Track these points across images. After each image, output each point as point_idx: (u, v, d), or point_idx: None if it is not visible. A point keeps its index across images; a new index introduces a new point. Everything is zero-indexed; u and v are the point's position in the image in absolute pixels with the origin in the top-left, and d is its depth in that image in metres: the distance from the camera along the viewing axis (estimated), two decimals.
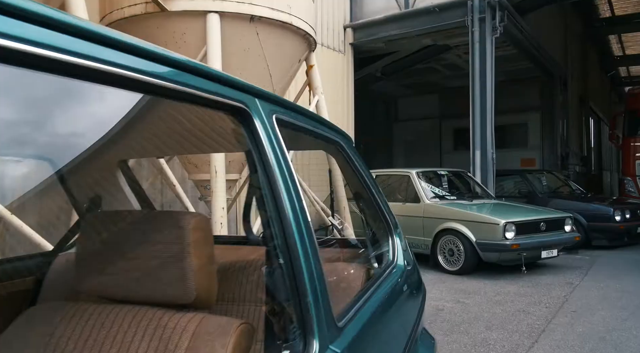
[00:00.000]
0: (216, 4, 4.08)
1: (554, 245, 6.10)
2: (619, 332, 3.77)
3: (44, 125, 1.57)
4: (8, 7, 0.56)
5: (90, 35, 0.69)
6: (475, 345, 3.57)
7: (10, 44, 0.55)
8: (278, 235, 0.91)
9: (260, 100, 0.98)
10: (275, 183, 0.92)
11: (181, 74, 0.80)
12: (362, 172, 1.63)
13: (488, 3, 8.45)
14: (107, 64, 0.69)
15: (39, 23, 0.60)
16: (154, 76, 0.74)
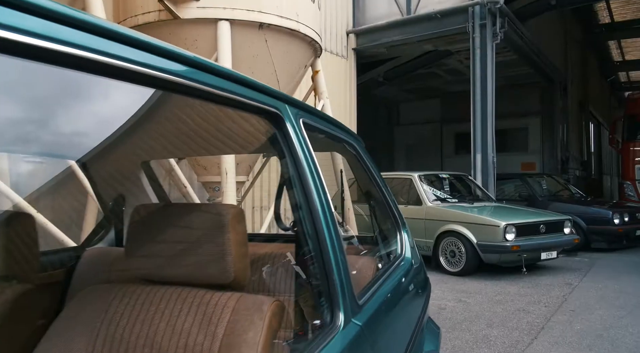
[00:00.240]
0: (227, 12, 4.23)
1: (554, 247, 6.23)
2: (616, 330, 3.90)
3: (77, 127, 1.71)
4: (61, 16, 0.65)
5: (153, 48, 0.82)
6: (476, 342, 3.70)
7: (66, 49, 0.64)
8: (308, 223, 1.04)
9: (290, 105, 1.12)
10: (305, 179, 1.05)
11: (227, 83, 0.93)
12: (373, 171, 1.77)
13: (489, 10, 8.59)
14: (169, 73, 0.83)
15: (98, 33, 0.71)
16: (207, 85, 0.88)
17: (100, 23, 0.71)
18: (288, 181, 1.08)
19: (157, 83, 0.85)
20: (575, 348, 3.50)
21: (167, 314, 1.08)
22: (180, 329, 1.05)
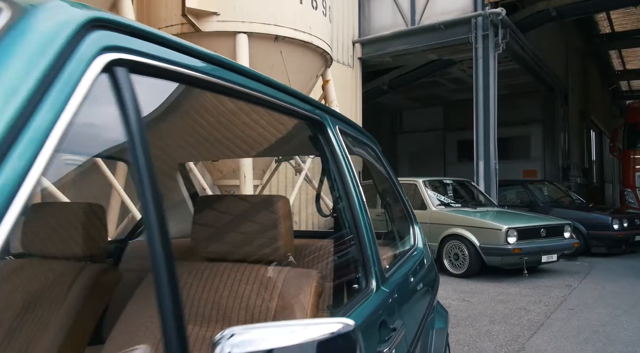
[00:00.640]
0: (245, 25, 4.51)
1: (554, 250, 6.46)
2: (612, 326, 4.13)
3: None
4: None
5: (231, 67, 1.07)
6: (479, 336, 3.93)
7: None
8: (346, 209, 1.29)
9: (329, 115, 1.37)
10: (343, 174, 1.30)
11: (287, 97, 1.19)
12: (390, 172, 2.02)
13: (491, 21, 8.87)
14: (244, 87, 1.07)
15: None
16: (272, 97, 1.13)
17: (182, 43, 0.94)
18: (329, 176, 1.33)
19: (234, 94, 1.09)
20: (573, 342, 3.72)
21: (229, 284, 1.32)
22: (241, 295, 1.30)
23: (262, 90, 1.10)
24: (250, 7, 4.51)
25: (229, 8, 4.47)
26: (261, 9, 4.55)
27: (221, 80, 0.99)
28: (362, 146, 1.72)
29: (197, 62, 0.88)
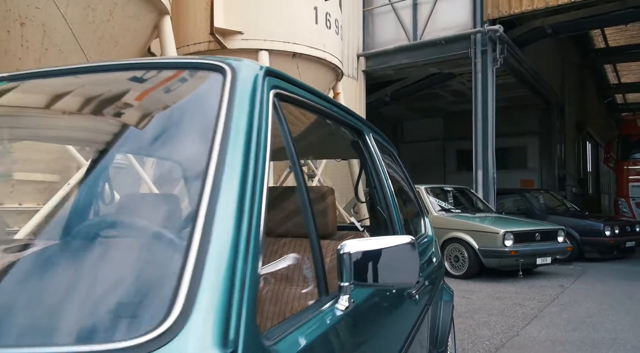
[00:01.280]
0: (266, 43, 4.97)
1: (548, 253, 6.87)
2: (598, 318, 4.54)
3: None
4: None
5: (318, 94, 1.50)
6: (478, 326, 4.34)
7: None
8: (381, 196, 1.72)
9: (364, 125, 1.81)
10: (378, 171, 1.73)
11: (342, 112, 1.62)
12: (404, 171, 2.46)
13: (489, 37, 9.36)
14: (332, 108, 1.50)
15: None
16: (337, 113, 1.56)
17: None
18: (367, 171, 1.75)
19: (323, 112, 1.50)
20: (562, 330, 4.14)
21: (289, 252, 1.75)
22: (300, 260, 1.72)
23: (336, 109, 1.53)
24: (271, 26, 4.97)
25: (252, 28, 4.93)
26: (281, 28, 5.01)
27: (319, 104, 1.39)
28: (385, 149, 2.14)
29: (309, 95, 1.29)
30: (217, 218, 0.66)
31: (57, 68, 1.05)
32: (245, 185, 0.74)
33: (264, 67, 0.99)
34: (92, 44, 3.40)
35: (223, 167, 0.73)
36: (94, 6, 3.29)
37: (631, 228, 9.09)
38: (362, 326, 1.13)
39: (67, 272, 0.78)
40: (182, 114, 0.91)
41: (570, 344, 3.74)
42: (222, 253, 0.63)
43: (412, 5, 10.75)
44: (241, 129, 0.81)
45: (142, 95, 1.00)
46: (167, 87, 0.97)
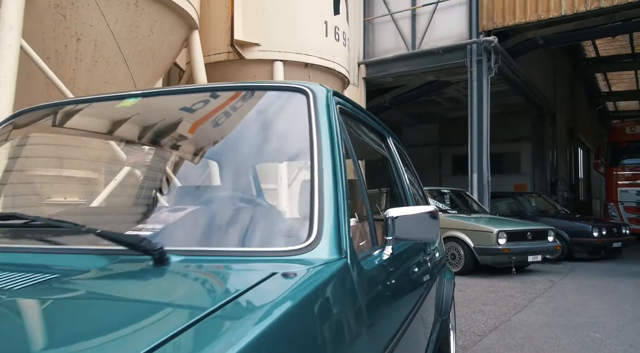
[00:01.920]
0: (281, 54, 5.42)
1: (538, 251, 7.33)
2: (582, 307, 4.99)
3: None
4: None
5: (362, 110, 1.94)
6: (474, 313, 4.77)
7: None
8: (399, 184, 2.16)
9: (386, 130, 2.25)
10: (399, 169, 2.17)
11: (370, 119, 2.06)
12: (411, 166, 2.91)
13: (484, 48, 9.85)
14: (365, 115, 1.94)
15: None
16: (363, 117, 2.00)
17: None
18: (389, 167, 2.19)
19: (359, 120, 1.94)
20: (549, 316, 4.58)
21: None
22: None
23: (369, 118, 1.97)
24: (286, 39, 5.42)
25: (268, 40, 5.38)
26: (294, 40, 5.47)
27: (359, 115, 1.82)
28: (400, 148, 2.58)
29: (355, 109, 1.71)
30: (325, 186, 1.08)
31: (179, 87, 1.48)
32: (335, 163, 1.16)
33: (331, 90, 1.42)
34: (134, 56, 3.83)
35: (321, 152, 1.15)
36: (138, 23, 3.72)
37: (617, 230, 9.58)
38: (396, 271, 1.55)
39: (256, 212, 1.20)
40: (284, 121, 1.33)
41: (555, 326, 4.19)
42: (330, 207, 1.05)
43: (410, 16, 11.23)
44: (324, 131, 1.23)
45: (253, 108, 1.42)
46: (269, 102, 1.39)
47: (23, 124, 1.76)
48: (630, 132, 14.07)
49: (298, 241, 0.96)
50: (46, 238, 1.06)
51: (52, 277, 0.86)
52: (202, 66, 4.51)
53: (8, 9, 3.00)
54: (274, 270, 0.83)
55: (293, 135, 1.26)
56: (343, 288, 0.92)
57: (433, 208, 1.43)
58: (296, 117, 1.28)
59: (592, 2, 8.79)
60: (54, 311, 0.75)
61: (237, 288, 0.75)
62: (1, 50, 2.95)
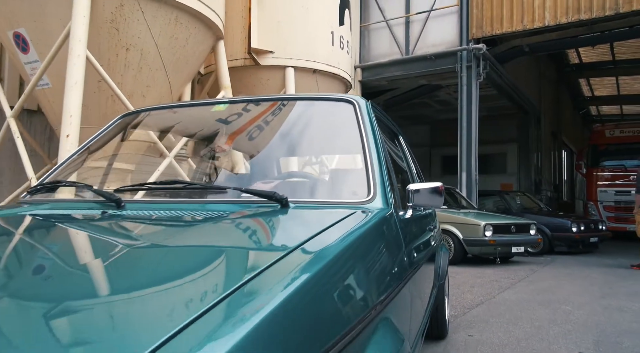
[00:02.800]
0: (292, 61, 6.01)
1: (521, 243, 8.01)
2: (558, 288, 5.66)
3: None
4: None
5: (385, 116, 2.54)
6: (463, 293, 5.41)
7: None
8: (409, 172, 2.76)
9: (398, 129, 2.85)
10: (410, 161, 2.77)
11: (388, 121, 2.66)
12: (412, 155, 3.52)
13: (474, 54, 10.52)
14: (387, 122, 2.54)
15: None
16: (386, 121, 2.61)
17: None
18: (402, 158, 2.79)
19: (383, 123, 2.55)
20: (529, 295, 5.24)
21: None
22: None
23: (388, 121, 2.57)
24: (297, 48, 6.02)
25: (281, 48, 5.97)
26: (304, 49, 6.06)
27: (382, 119, 2.42)
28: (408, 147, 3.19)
29: (380, 114, 2.31)
30: (375, 165, 1.67)
31: (260, 97, 2.06)
32: (378, 150, 1.75)
33: (369, 101, 2.02)
34: (171, 64, 4.39)
35: (369, 143, 1.74)
36: (177, 36, 4.28)
37: (595, 226, 10.31)
38: (414, 225, 2.13)
39: (337, 180, 1.77)
40: (341, 121, 1.92)
41: (532, 302, 4.84)
42: (379, 178, 1.64)
43: (405, 23, 11.87)
44: (369, 128, 1.83)
45: (317, 112, 2.01)
46: (329, 109, 1.97)
47: (127, 122, 2.34)
48: (610, 136, 14.83)
49: (363, 197, 1.55)
50: (203, 196, 1.63)
51: (217, 215, 1.44)
52: (226, 71, 5.09)
53: (77, 24, 3.56)
54: (354, 211, 1.42)
55: (348, 131, 1.85)
56: (389, 222, 1.52)
57: (439, 185, 2.03)
58: (348, 118, 1.87)
59: (572, 14, 9.49)
60: (227, 230, 1.32)
61: (338, 218, 1.33)
62: (72, 60, 3.51)
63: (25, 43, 3.92)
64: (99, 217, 1.41)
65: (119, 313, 0.68)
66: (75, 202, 1.79)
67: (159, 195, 1.73)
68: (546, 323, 3.99)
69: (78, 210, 1.59)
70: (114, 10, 3.87)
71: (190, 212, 1.46)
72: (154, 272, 0.89)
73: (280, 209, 1.44)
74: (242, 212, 1.43)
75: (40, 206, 1.71)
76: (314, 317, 0.75)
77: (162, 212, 1.46)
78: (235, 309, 0.64)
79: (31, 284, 0.84)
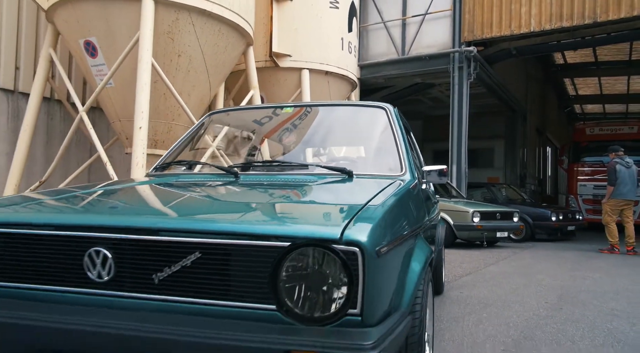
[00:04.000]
0: (307, 64, 6.82)
1: (505, 228, 8.93)
2: (535, 265, 6.57)
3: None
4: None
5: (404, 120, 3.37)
6: (453, 267, 6.28)
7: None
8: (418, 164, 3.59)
9: (409, 127, 3.68)
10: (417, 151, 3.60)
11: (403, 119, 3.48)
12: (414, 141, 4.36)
13: (465, 56, 11.38)
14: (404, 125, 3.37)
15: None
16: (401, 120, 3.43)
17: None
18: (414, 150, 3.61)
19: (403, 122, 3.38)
20: (510, 268, 6.14)
21: None
22: None
23: (404, 120, 3.39)
24: (311, 52, 6.83)
25: (297, 52, 6.77)
26: (318, 53, 6.87)
27: (401, 119, 3.25)
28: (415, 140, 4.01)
29: (401, 115, 3.15)
30: (404, 153, 2.48)
31: (317, 103, 2.88)
32: (405, 143, 2.57)
33: (395, 107, 2.84)
34: (212, 67, 5.17)
35: (400, 138, 2.57)
36: (218, 43, 5.07)
37: (572, 216, 11.29)
38: (427, 195, 2.95)
39: (382, 161, 2.62)
40: (377, 122, 2.73)
41: (512, 274, 5.73)
42: (408, 160, 2.46)
43: (401, 25, 12.67)
44: (398, 128, 2.65)
45: (358, 116, 2.82)
46: (367, 113, 2.79)
47: (213, 119, 3.14)
48: (590, 133, 15.82)
49: (398, 172, 2.38)
50: (288, 170, 2.44)
51: (313, 179, 2.25)
52: (255, 73, 5.89)
53: (145, 37, 4.33)
54: (394, 180, 2.25)
55: (383, 129, 2.67)
56: (416, 188, 2.34)
57: (444, 167, 2.86)
58: (382, 120, 2.70)
59: (555, 21, 10.38)
60: (315, 189, 2.14)
61: (388, 183, 2.15)
62: (141, 66, 4.29)
63: (95, 49, 4.68)
64: (234, 180, 2.22)
65: (323, 208, 1.51)
66: (201, 174, 2.61)
67: (258, 170, 2.54)
68: (522, 286, 4.87)
69: (212, 178, 2.40)
70: (170, 23, 4.64)
71: (290, 179, 2.28)
72: (316, 194, 1.73)
73: (349, 178, 2.27)
74: (326, 179, 2.26)
75: (180, 177, 2.51)
76: (397, 218, 1.58)
77: (272, 179, 2.28)
78: (373, 207, 1.47)
79: (234, 193, 1.67)
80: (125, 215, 1.54)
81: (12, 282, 1.43)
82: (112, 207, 1.75)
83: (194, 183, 2.24)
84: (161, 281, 1.31)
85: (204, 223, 1.34)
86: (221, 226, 1.31)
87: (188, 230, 1.31)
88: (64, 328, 1.27)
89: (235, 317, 1.25)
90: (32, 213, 1.61)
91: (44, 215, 1.56)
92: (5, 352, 1.36)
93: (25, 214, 1.57)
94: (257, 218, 1.47)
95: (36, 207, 1.71)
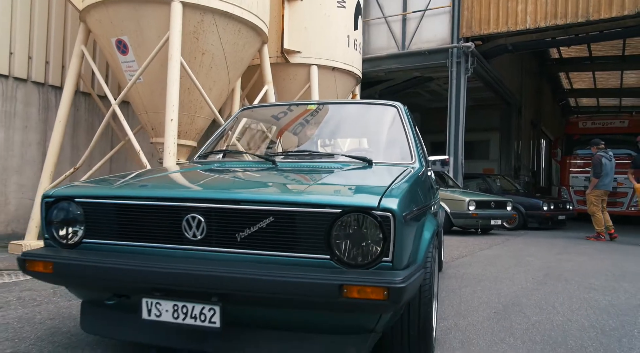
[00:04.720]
0: (316, 60, 7.25)
1: (499, 216, 9.45)
2: (525, 249, 7.09)
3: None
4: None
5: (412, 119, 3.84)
6: (451, 250, 6.79)
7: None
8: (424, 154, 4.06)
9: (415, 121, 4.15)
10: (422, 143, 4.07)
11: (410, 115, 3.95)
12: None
13: (463, 51, 11.83)
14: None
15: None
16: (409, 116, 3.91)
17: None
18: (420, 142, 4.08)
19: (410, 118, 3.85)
20: (502, 252, 6.65)
21: None
22: None
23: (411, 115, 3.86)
24: (319, 49, 7.26)
25: (307, 49, 7.20)
26: (325, 50, 7.30)
27: (410, 115, 3.73)
28: None
29: (409, 113, 3.62)
30: (414, 146, 2.95)
31: (336, 101, 3.34)
32: (415, 137, 3.04)
33: (405, 105, 3.31)
34: (232, 64, 5.61)
35: (410, 133, 3.03)
36: (238, 42, 5.50)
37: (563, 206, 11.83)
38: (432, 181, 3.42)
39: (394, 152, 3.10)
40: (389, 118, 3.20)
41: (504, 256, 6.25)
42: (418, 152, 2.93)
43: (402, 20, 13.09)
44: (408, 123, 3.13)
45: (372, 113, 3.28)
46: (380, 110, 3.25)
47: (244, 114, 3.60)
48: (583, 127, 16.33)
49: (409, 161, 2.85)
50: (317, 158, 2.90)
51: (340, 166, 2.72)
52: (269, 69, 6.33)
53: (174, 36, 4.77)
54: (406, 168, 2.73)
55: (395, 124, 3.13)
56: (424, 174, 2.82)
57: (447, 157, 3.34)
58: (394, 116, 3.17)
59: (550, 19, 10.84)
60: (346, 172, 2.61)
61: (402, 170, 2.62)
62: (172, 63, 4.72)
63: (126, 47, 5.11)
64: (272, 166, 2.69)
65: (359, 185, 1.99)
66: (241, 161, 3.07)
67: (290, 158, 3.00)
68: (513, 266, 5.39)
69: (253, 164, 2.87)
70: (196, 24, 5.07)
71: (321, 166, 2.75)
72: (348, 176, 2.21)
73: (369, 165, 2.74)
74: (350, 166, 2.73)
75: (226, 164, 2.97)
76: (414, 196, 2.07)
77: (305, 165, 2.75)
78: (397, 185, 1.95)
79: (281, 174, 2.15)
80: (213, 190, 2.02)
81: (128, 241, 1.90)
82: (199, 184, 2.22)
83: (244, 169, 2.70)
84: (242, 239, 1.78)
85: (275, 196, 1.82)
86: (288, 197, 1.79)
87: (263, 200, 1.78)
88: (170, 272, 1.74)
89: (300, 264, 1.72)
90: (142, 189, 2.08)
91: (151, 190, 2.04)
92: (129, 289, 1.84)
93: (138, 190, 2.04)
94: (313, 191, 1.95)
95: (141, 185, 2.18)
